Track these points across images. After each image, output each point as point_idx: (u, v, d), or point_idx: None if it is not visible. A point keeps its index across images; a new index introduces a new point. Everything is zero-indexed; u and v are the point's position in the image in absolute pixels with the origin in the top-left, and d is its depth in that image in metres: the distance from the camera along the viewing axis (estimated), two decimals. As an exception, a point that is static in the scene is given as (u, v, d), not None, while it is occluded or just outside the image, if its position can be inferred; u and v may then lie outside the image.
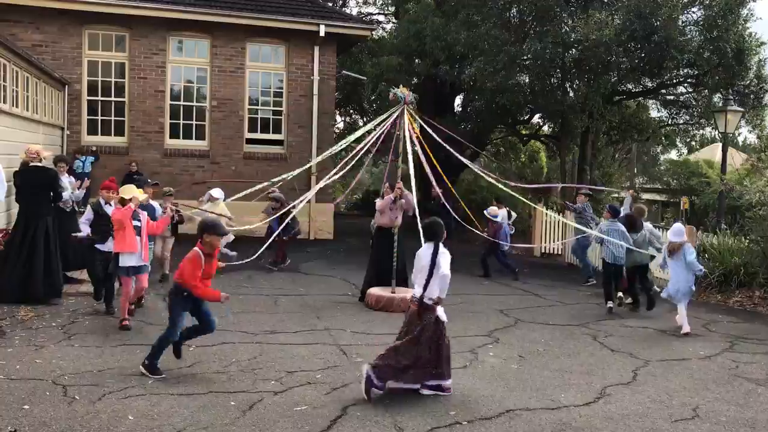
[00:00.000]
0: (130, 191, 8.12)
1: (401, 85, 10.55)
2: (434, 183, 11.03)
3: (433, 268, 5.88)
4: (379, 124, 10.43)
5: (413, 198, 10.38)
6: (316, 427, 5.20)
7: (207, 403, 5.57)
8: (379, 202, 10.56)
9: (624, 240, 10.04)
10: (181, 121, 16.50)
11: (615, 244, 10.05)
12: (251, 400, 5.70)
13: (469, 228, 12.38)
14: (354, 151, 10.76)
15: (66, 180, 10.28)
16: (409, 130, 10.22)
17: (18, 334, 7.40)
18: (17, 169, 9.47)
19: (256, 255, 9.33)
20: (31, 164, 9.09)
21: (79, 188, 10.66)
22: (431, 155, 10.50)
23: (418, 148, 10.33)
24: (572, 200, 14.68)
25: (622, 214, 10.50)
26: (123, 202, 8.06)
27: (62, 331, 7.64)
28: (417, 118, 10.38)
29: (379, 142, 10.60)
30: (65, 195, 9.53)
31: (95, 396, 5.61)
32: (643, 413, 5.83)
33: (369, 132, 10.70)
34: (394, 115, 10.21)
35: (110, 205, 8.62)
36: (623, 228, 10.11)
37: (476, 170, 12.65)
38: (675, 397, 6.32)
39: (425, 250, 6.11)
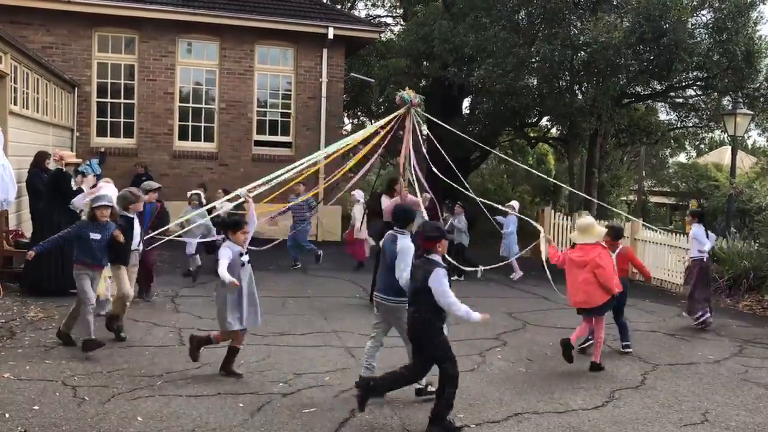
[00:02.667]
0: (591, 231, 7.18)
1: (407, 88, 10.53)
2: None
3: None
4: (383, 126, 10.42)
5: (418, 199, 10.46)
6: (325, 429, 5.20)
7: (215, 405, 5.59)
8: (385, 203, 10.56)
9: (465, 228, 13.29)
10: (190, 123, 16.56)
11: (463, 232, 13.22)
12: (259, 401, 5.72)
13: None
14: (351, 156, 10.75)
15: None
16: (415, 133, 10.21)
17: (28, 335, 7.44)
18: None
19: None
20: (58, 167, 9.35)
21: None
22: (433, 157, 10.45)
23: (424, 151, 10.32)
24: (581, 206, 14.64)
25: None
26: None
27: (72, 332, 7.66)
28: (422, 121, 10.35)
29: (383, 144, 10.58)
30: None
31: (105, 397, 5.63)
32: (652, 417, 5.81)
33: (374, 133, 10.67)
34: (400, 117, 10.17)
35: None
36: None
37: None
38: (684, 401, 6.30)
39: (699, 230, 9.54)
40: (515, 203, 13.86)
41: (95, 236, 6.88)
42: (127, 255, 7.40)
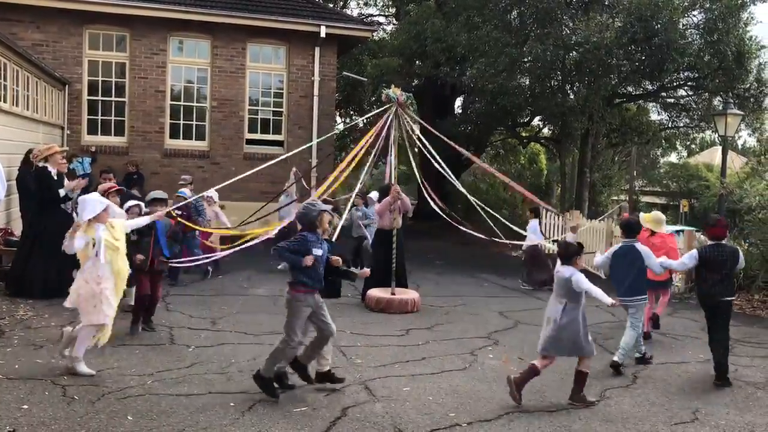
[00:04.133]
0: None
1: (393, 86, 10.48)
2: None
3: None
4: (369, 123, 10.42)
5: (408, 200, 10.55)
6: (316, 428, 5.19)
7: (206, 404, 5.56)
8: (377, 205, 10.57)
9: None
10: (181, 122, 16.49)
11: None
12: (251, 400, 5.69)
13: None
14: (344, 154, 10.73)
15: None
16: (407, 131, 10.22)
17: (17, 334, 7.39)
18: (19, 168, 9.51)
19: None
20: (41, 164, 9.14)
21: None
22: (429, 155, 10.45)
23: (417, 147, 10.32)
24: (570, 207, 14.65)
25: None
26: None
27: (61, 330, 7.61)
28: (410, 118, 10.33)
29: (371, 143, 10.55)
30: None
31: (94, 396, 5.60)
32: (642, 416, 5.83)
33: (360, 130, 10.67)
34: (387, 116, 10.13)
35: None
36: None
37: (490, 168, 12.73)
38: (674, 400, 6.32)
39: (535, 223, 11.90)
40: (374, 194, 13.35)
41: (317, 252, 5.79)
42: (338, 285, 6.70)
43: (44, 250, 8.90)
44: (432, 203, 10.68)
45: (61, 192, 9.27)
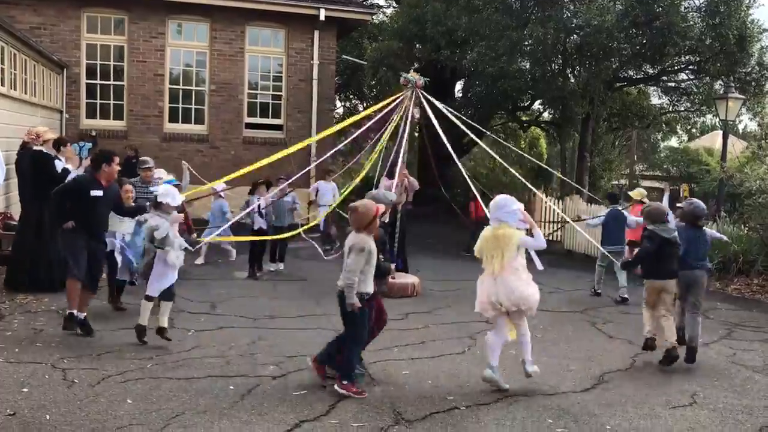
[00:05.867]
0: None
1: (411, 70, 10.51)
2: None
3: None
4: (390, 109, 10.37)
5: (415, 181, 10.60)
6: (315, 411, 5.21)
7: (206, 387, 5.58)
8: (386, 184, 10.57)
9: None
10: (180, 105, 16.43)
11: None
12: (250, 384, 5.72)
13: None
14: (351, 136, 10.69)
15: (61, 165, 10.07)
16: (425, 116, 10.23)
17: (17, 318, 7.41)
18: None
19: None
20: (37, 147, 8.90)
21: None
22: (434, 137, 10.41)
23: (434, 128, 10.31)
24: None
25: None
26: None
27: (61, 314, 7.62)
28: (429, 100, 10.33)
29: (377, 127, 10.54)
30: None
31: (94, 379, 5.62)
32: (640, 400, 5.84)
33: (370, 116, 10.64)
34: (405, 99, 10.14)
35: None
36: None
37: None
38: (673, 383, 6.34)
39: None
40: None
41: None
42: None
43: (46, 236, 8.80)
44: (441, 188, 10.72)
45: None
